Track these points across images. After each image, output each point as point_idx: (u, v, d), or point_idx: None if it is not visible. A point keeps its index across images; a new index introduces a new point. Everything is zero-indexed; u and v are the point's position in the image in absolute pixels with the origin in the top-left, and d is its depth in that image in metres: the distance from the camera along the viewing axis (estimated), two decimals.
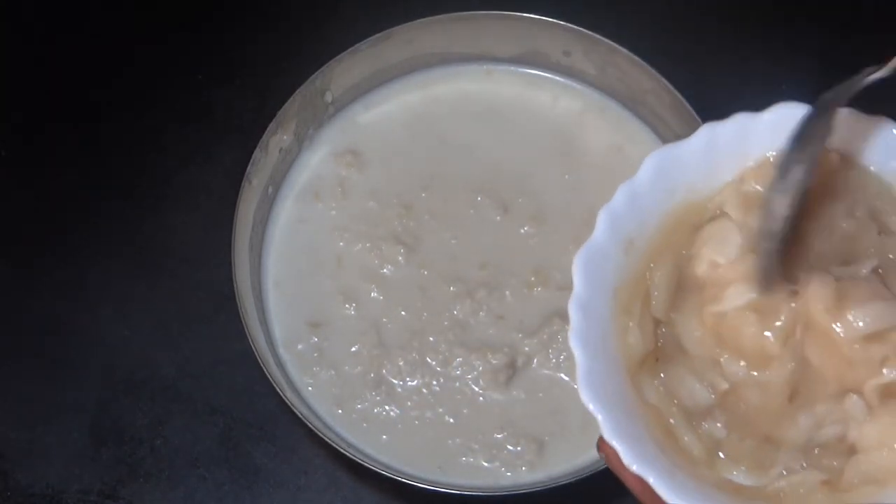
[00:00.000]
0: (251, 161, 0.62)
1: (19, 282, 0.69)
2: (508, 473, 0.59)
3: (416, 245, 0.64)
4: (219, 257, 0.63)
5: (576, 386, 0.60)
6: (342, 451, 0.56)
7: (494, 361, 0.61)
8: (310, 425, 0.56)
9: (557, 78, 0.69)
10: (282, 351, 0.62)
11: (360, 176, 0.67)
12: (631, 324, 0.39)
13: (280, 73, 0.73)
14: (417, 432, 0.60)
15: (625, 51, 0.64)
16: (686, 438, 0.39)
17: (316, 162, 0.67)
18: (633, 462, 0.36)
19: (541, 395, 0.61)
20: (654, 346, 0.40)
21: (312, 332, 0.63)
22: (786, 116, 0.40)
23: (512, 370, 0.61)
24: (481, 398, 0.61)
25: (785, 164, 0.38)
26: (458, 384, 0.61)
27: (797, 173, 0.38)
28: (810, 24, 0.73)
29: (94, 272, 0.68)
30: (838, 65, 0.41)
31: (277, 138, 0.64)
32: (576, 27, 0.65)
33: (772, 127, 0.40)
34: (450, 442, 0.60)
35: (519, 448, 0.60)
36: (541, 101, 0.69)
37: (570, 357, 0.61)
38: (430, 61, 0.69)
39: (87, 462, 0.64)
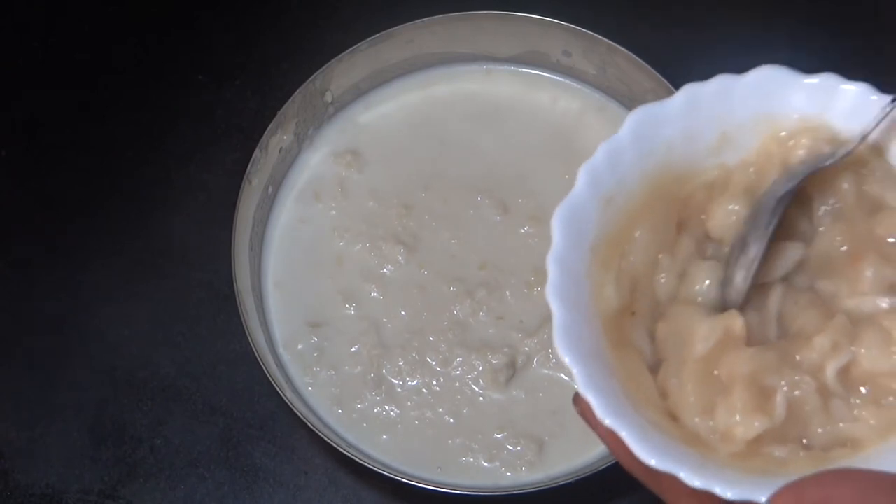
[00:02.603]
0: (251, 161, 0.62)
1: (19, 282, 0.69)
2: (508, 473, 0.59)
3: (416, 245, 0.64)
4: (219, 257, 0.63)
5: (568, 380, 0.61)
6: (342, 451, 0.56)
7: (494, 361, 0.61)
8: (310, 425, 0.56)
9: (557, 78, 0.69)
10: (282, 351, 0.62)
11: (360, 176, 0.67)
12: (608, 279, 0.39)
13: (280, 73, 0.73)
14: (417, 432, 0.60)
15: (625, 51, 0.64)
16: (657, 391, 0.39)
17: (316, 162, 0.67)
18: (606, 416, 0.36)
19: (541, 395, 0.61)
20: (631, 302, 0.40)
21: (312, 332, 0.63)
22: (767, 78, 0.40)
23: (512, 370, 0.61)
24: (481, 398, 0.61)
25: (745, 240, 0.39)
26: (458, 384, 0.61)
27: (757, 249, 0.39)
28: (811, 26, 0.73)
29: (94, 272, 0.68)
30: (841, 66, 0.41)
31: (277, 138, 0.64)
32: (576, 27, 0.65)
33: (753, 89, 0.41)
34: (450, 442, 0.60)
35: (519, 448, 0.60)
36: (540, 101, 0.69)
37: None
38: (430, 61, 0.69)
39: (87, 462, 0.64)
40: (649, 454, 0.35)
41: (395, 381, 0.61)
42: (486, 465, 0.60)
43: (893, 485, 0.33)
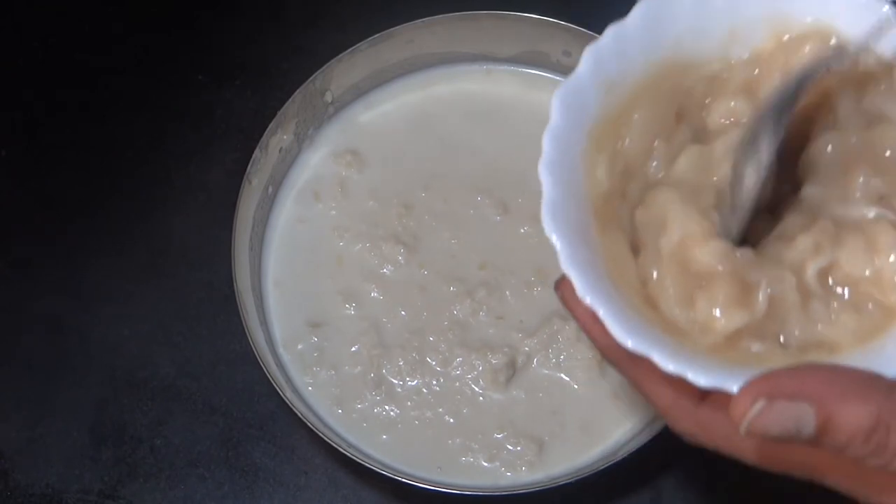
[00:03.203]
0: (251, 161, 0.62)
1: (19, 282, 0.69)
2: (508, 473, 0.59)
3: (416, 245, 0.64)
4: (219, 257, 0.63)
5: (566, 381, 0.61)
6: (342, 451, 0.56)
7: (494, 361, 0.61)
8: (310, 425, 0.56)
9: (557, 78, 0.69)
10: (282, 351, 0.62)
11: (360, 176, 0.67)
12: (600, 160, 0.39)
13: (280, 73, 0.73)
14: (417, 432, 0.60)
15: None
16: (638, 277, 0.39)
17: (316, 162, 0.67)
18: (587, 293, 0.35)
19: (541, 395, 0.61)
20: (622, 186, 0.40)
21: (312, 332, 0.63)
22: None
23: (512, 370, 0.61)
24: (481, 398, 0.61)
25: (756, 133, 0.38)
26: (458, 384, 0.61)
27: (769, 144, 0.38)
28: None
29: (94, 272, 0.68)
30: None
31: (277, 138, 0.64)
32: (576, 27, 0.65)
33: None
34: (450, 442, 0.60)
35: (519, 448, 0.60)
36: (541, 101, 0.68)
37: (570, 357, 0.61)
38: (430, 61, 0.69)
39: (87, 462, 0.64)
40: (626, 335, 0.35)
41: (395, 381, 0.61)
42: (486, 465, 0.60)
43: (867, 380, 0.33)
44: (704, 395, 0.38)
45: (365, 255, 0.64)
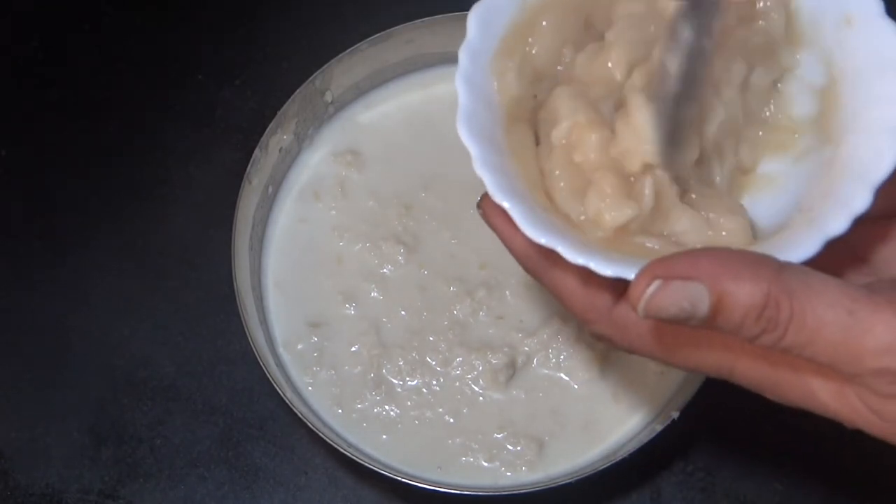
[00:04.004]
0: (251, 161, 0.62)
1: (19, 282, 0.69)
2: (508, 473, 0.59)
3: (416, 245, 0.64)
4: (219, 257, 0.63)
5: (566, 381, 0.61)
6: (342, 450, 0.56)
7: (494, 361, 0.61)
8: (309, 425, 0.56)
9: None
10: (282, 351, 0.62)
11: (360, 176, 0.67)
12: (510, 66, 0.41)
13: (280, 73, 0.73)
14: (417, 432, 0.60)
15: None
16: (549, 171, 0.40)
17: (316, 162, 0.67)
18: (497, 193, 0.37)
19: (541, 395, 0.61)
20: (533, 92, 0.41)
21: (312, 331, 0.63)
22: None
23: (512, 370, 0.61)
24: (481, 398, 0.61)
25: (679, 24, 0.39)
26: (458, 384, 0.61)
27: (690, 30, 0.38)
28: None
29: (94, 272, 0.68)
30: None
31: (277, 138, 0.64)
32: None
33: None
34: (450, 442, 0.60)
35: (519, 448, 0.60)
36: None
37: (570, 357, 0.61)
38: (430, 61, 0.69)
39: (87, 462, 0.64)
40: (535, 230, 0.37)
41: (395, 381, 0.61)
42: (485, 465, 0.60)
43: (757, 260, 0.34)
44: (617, 298, 0.40)
45: (365, 254, 0.64)
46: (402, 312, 0.63)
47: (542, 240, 0.37)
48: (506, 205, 0.37)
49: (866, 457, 0.61)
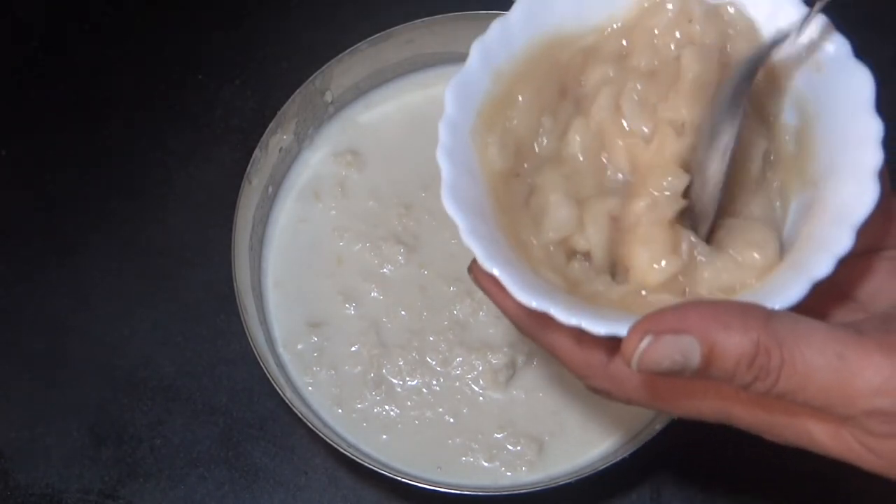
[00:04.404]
0: (251, 161, 0.62)
1: (19, 282, 0.69)
2: (508, 473, 0.59)
3: (416, 245, 0.64)
4: (219, 257, 0.63)
5: (566, 381, 0.61)
6: (342, 450, 0.56)
7: (494, 361, 0.61)
8: (309, 425, 0.56)
9: None
10: (282, 351, 0.62)
11: (360, 176, 0.67)
12: (492, 140, 0.41)
13: (280, 73, 0.73)
14: (417, 432, 0.60)
15: None
16: (535, 241, 0.41)
17: (316, 162, 0.67)
18: (486, 261, 0.38)
19: (541, 395, 0.61)
20: (515, 165, 0.42)
21: (312, 331, 0.63)
22: None
23: (512, 370, 0.61)
24: (481, 398, 0.61)
25: (717, 126, 0.39)
26: (458, 384, 0.61)
27: (728, 136, 0.39)
28: None
29: (94, 272, 0.68)
30: None
31: (277, 138, 0.64)
32: None
33: None
34: (450, 442, 0.60)
35: (519, 448, 0.60)
36: None
37: None
38: (430, 61, 0.69)
39: (87, 462, 0.64)
40: (526, 295, 0.37)
41: (395, 381, 0.61)
42: (486, 465, 0.60)
43: (746, 309, 0.35)
44: (612, 354, 0.40)
45: (365, 255, 0.64)
46: (402, 312, 0.63)
47: (534, 303, 0.37)
48: (496, 272, 0.38)
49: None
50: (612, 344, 0.39)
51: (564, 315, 0.37)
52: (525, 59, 0.43)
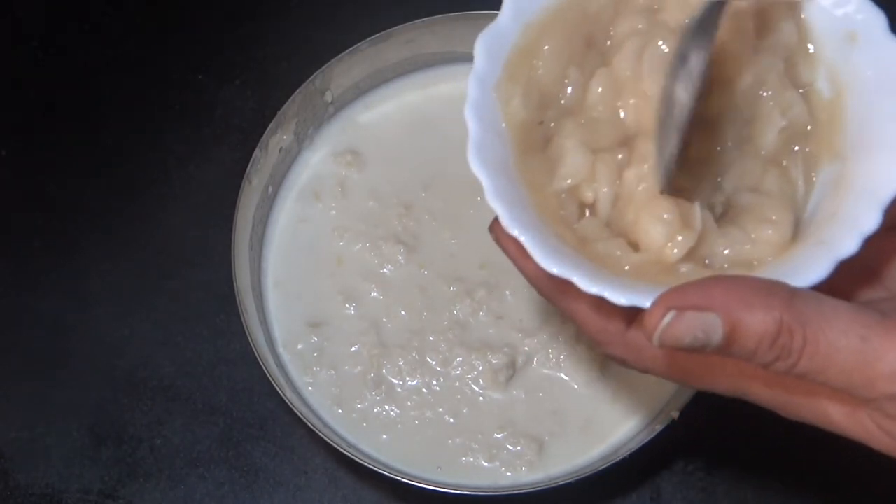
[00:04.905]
0: (251, 161, 0.62)
1: (19, 282, 0.69)
2: (508, 473, 0.59)
3: (416, 245, 0.64)
4: (219, 257, 0.63)
5: (566, 381, 0.61)
6: (342, 450, 0.56)
7: (494, 361, 0.61)
8: (309, 425, 0.56)
9: None
10: (282, 351, 0.62)
11: (360, 176, 0.67)
12: (515, 91, 0.41)
13: (280, 73, 0.73)
14: (417, 432, 0.60)
15: None
16: (547, 189, 0.41)
17: (316, 162, 0.67)
18: (510, 224, 0.37)
19: (541, 395, 0.61)
20: (539, 114, 0.41)
21: (312, 331, 0.63)
22: None
23: (512, 370, 0.61)
24: (481, 398, 0.61)
25: (684, 51, 0.39)
26: (458, 384, 0.61)
27: (698, 61, 0.39)
28: None
29: (94, 272, 0.68)
30: None
31: (277, 138, 0.64)
32: None
33: None
34: (450, 442, 0.60)
35: (519, 448, 0.60)
36: None
37: (570, 357, 0.61)
38: (430, 61, 0.69)
39: (87, 462, 0.64)
40: (549, 261, 0.37)
41: (395, 381, 0.61)
42: (486, 465, 0.60)
43: (769, 287, 0.35)
44: (631, 321, 0.40)
45: (365, 255, 0.64)
46: (402, 312, 0.63)
47: (556, 270, 0.37)
48: (521, 237, 0.37)
49: (865, 458, 0.61)
50: (631, 312, 0.39)
51: (586, 283, 0.36)
52: (554, 9, 0.42)
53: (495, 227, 0.40)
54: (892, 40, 0.39)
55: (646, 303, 0.35)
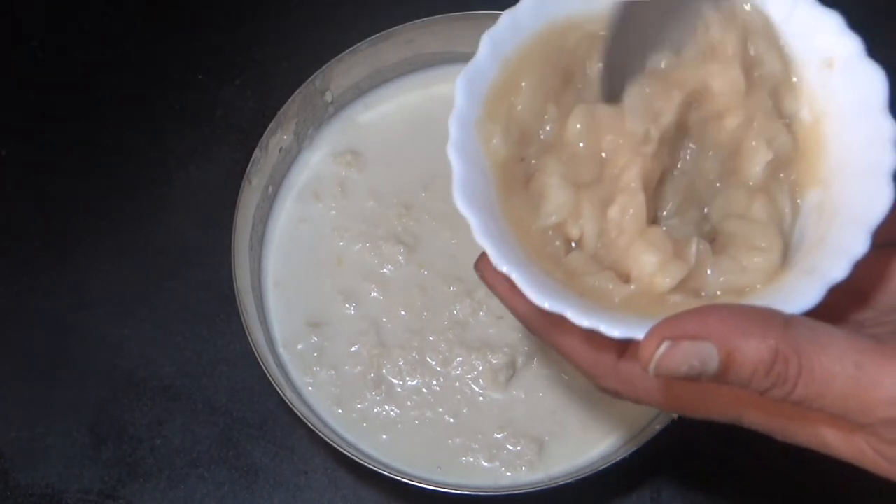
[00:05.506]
0: (251, 161, 0.62)
1: (19, 282, 0.69)
2: (508, 473, 0.59)
3: (416, 245, 0.64)
4: (219, 257, 0.63)
5: (566, 381, 0.61)
6: (342, 450, 0.56)
7: (494, 361, 0.61)
8: (309, 425, 0.56)
9: None
10: (282, 351, 0.62)
11: (360, 176, 0.67)
12: (495, 129, 0.41)
13: (280, 73, 0.73)
14: (417, 432, 0.60)
15: None
16: (533, 226, 0.41)
17: (316, 161, 0.67)
18: (500, 262, 0.37)
19: (541, 395, 0.61)
20: (519, 151, 0.42)
21: (312, 331, 0.63)
22: None
23: (512, 370, 0.61)
24: (481, 398, 0.61)
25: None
26: (458, 384, 0.61)
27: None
28: None
29: (94, 272, 0.68)
30: None
31: (277, 138, 0.64)
32: None
33: None
34: (449, 442, 0.60)
35: (519, 448, 0.60)
36: None
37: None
38: (430, 61, 0.69)
39: (87, 462, 0.64)
40: (541, 297, 0.37)
41: (395, 381, 0.61)
42: (486, 465, 0.60)
43: (764, 316, 0.35)
44: (623, 352, 0.40)
45: (365, 254, 0.64)
46: (402, 312, 0.63)
47: (548, 305, 0.37)
48: (511, 274, 0.37)
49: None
50: (622, 344, 0.39)
51: (579, 317, 0.36)
52: (531, 45, 0.42)
53: (481, 265, 0.41)
54: (869, 65, 0.39)
55: (639, 334, 0.36)
